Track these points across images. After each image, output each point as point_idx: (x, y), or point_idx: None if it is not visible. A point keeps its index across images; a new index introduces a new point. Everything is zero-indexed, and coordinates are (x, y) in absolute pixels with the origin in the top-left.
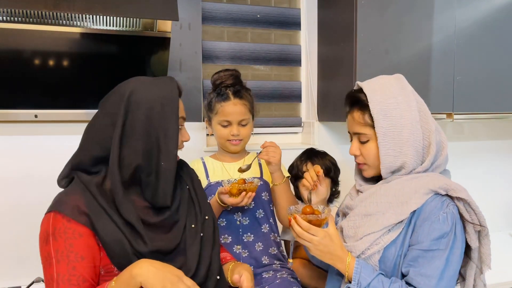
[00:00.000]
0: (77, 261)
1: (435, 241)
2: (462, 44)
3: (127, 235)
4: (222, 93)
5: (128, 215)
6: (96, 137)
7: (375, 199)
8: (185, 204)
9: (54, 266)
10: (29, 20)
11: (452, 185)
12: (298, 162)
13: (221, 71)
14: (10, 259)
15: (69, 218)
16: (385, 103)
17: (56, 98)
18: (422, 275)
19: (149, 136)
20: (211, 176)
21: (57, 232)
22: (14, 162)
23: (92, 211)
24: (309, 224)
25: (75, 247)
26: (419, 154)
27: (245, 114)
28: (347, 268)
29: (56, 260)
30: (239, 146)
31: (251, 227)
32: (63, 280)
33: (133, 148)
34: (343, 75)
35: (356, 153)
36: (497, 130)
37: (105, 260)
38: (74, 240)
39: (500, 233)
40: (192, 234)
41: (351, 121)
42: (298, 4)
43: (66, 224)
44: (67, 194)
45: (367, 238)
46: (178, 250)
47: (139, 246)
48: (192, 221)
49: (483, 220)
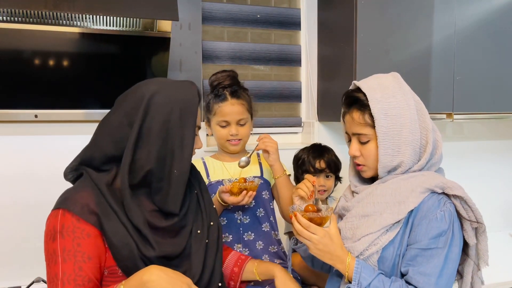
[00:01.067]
0: (84, 261)
1: (433, 240)
2: (462, 44)
3: (135, 239)
4: (220, 94)
5: (136, 219)
6: (111, 134)
7: (372, 200)
8: (193, 210)
9: (60, 265)
10: (29, 20)
11: (448, 183)
12: (310, 157)
13: (218, 72)
14: (10, 259)
15: (78, 217)
16: (385, 102)
17: (56, 98)
18: (421, 273)
19: (164, 142)
20: (212, 175)
21: (65, 231)
22: (14, 162)
23: (102, 211)
24: (309, 222)
25: (83, 247)
26: (416, 153)
27: (243, 114)
28: (347, 269)
29: (63, 259)
30: (239, 146)
31: (251, 225)
32: (69, 280)
33: (148, 152)
34: (343, 75)
35: (356, 154)
36: (497, 130)
37: (110, 262)
38: (82, 240)
39: (500, 233)
40: (197, 240)
41: (350, 122)
42: (298, 4)
43: (75, 223)
44: (77, 191)
45: (365, 238)
46: (183, 256)
47: (147, 251)
48: (198, 227)
49: (480, 217)
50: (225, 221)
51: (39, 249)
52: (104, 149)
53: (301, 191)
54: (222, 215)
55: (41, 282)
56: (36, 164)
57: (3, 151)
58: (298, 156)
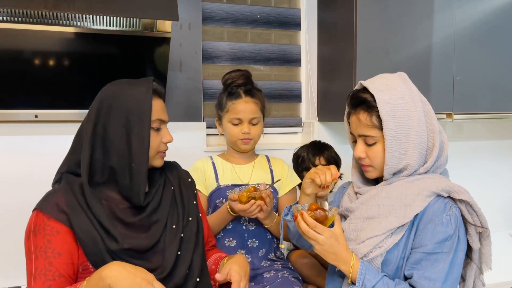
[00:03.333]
0: (53, 257)
1: (438, 244)
2: (462, 44)
3: (100, 233)
4: (233, 91)
5: (99, 214)
6: (82, 137)
7: (377, 202)
8: (167, 205)
9: (33, 261)
10: (29, 20)
11: (454, 187)
12: (310, 155)
13: (232, 71)
14: (10, 259)
15: (49, 216)
16: (393, 103)
17: (56, 98)
18: (426, 278)
19: (120, 139)
20: (221, 179)
21: (37, 229)
22: (14, 162)
23: (70, 209)
24: (316, 222)
25: (53, 243)
26: (422, 156)
27: (256, 113)
28: (351, 270)
29: (35, 256)
30: (250, 145)
31: (256, 232)
32: (40, 275)
33: (106, 151)
34: (343, 75)
35: (362, 156)
36: (497, 130)
37: (82, 258)
38: (52, 237)
39: (500, 233)
40: (171, 234)
41: (356, 123)
42: (298, 4)
43: (46, 221)
44: (51, 193)
45: (370, 241)
46: (156, 250)
47: (110, 243)
48: (173, 222)
49: (485, 221)
50: (230, 225)
51: None
52: (77, 153)
53: (316, 176)
54: None
55: None
56: (36, 164)
57: (3, 151)
58: (297, 154)
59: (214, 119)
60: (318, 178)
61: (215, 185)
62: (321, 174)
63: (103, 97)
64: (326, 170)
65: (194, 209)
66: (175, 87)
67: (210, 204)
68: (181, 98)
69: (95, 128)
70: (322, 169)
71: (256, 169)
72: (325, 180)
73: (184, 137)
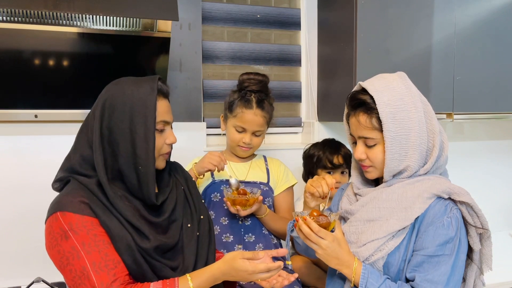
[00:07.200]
0: (106, 247)
1: (440, 247)
2: (462, 44)
3: (131, 231)
4: (247, 98)
5: (125, 212)
6: (87, 135)
7: (377, 204)
8: (181, 204)
9: (85, 258)
10: (29, 20)
11: (454, 188)
12: (327, 153)
13: (252, 73)
14: (10, 259)
15: (80, 214)
16: (393, 105)
17: (56, 98)
18: (428, 281)
19: (125, 140)
20: (216, 174)
21: (75, 227)
22: (14, 162)
23: (95, 207)
24: (319, 227)
25: (99, 236)
26: (423, 157)
27: (261, 126)
28: (353, 273)
29: (86, 252)
30: (248, 153)
31: (253, 228)
32: (101, 267)
33: (112, 151)
34: (343, 75)
35: (362, 158)
36: (497, 130)
37: None
38: (95, 231)
39: (500, 233)
40: (188, 233)
41: (355, 125)
42: (298, 4)
43: (81, 219)
44: (67, 194)
45: (371, 244)
46: (176, 249)
47: (142, 242)
48: (188, 221)
49: (485, 223)
50: (226, 221)
51: (39, 249)
52: (81, 150)
53: (314, 189)
54: (224, 215)
55: (41, 282)
56: (36, 164)
57: (3, 151)
58: (311, 153)
59: (214, 119)
60: (315, 191)
61: (211, 180)
62: (317, 187)
63: (107, 96)
64: (321, 181)
65: (204, 208)
66: (175, 87)
67: (205, 198)
68: (181, 98)
69: (101, 129)
70: (317, 181)
71: (252, 168)
72: (322, 191)
73: (184, 137)
